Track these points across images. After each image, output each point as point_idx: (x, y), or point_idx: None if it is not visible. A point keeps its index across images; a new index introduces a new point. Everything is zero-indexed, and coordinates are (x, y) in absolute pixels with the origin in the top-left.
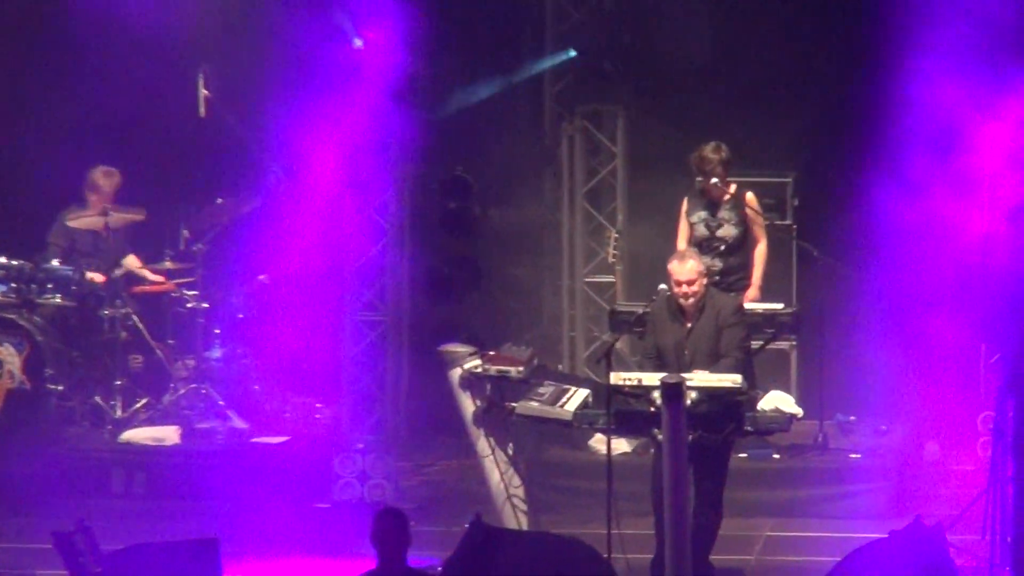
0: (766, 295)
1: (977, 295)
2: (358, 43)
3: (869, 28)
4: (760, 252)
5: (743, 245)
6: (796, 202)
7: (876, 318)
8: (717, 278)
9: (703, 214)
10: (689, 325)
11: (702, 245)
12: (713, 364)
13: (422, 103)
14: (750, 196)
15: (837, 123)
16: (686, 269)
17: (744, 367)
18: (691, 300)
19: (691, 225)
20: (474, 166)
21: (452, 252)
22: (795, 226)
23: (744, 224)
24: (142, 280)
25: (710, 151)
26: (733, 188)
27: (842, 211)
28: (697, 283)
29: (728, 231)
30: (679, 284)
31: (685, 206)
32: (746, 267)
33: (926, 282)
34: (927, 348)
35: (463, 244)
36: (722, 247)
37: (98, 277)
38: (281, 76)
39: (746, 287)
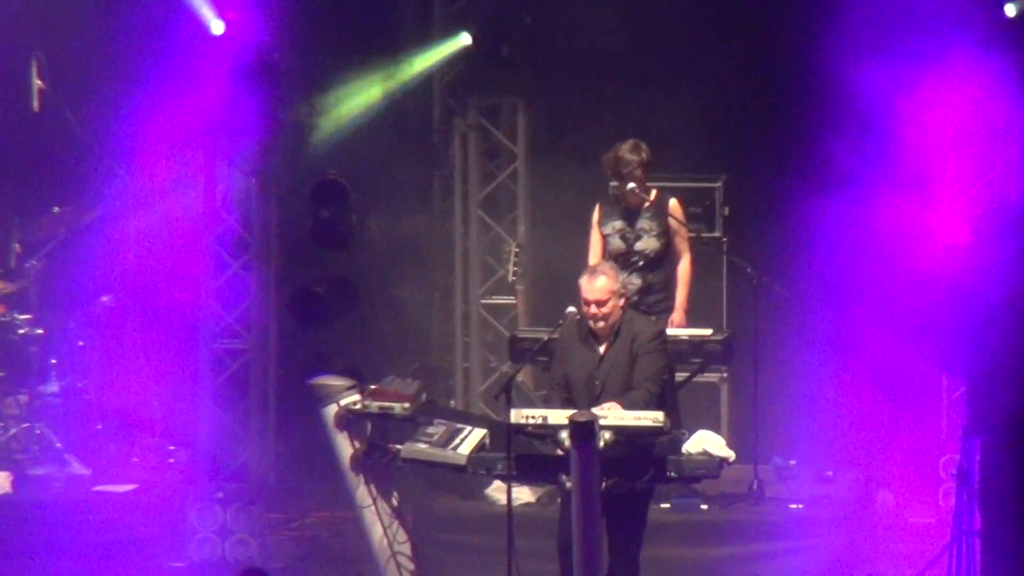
0: (692, 319)
1: (937, 318)
2: (217, 26)
3: (805, 11)
4: (684, 269)
5: (665, 260)
6: (727, 211)
7: (820, 346)
8: (635, 298)
9: (619, 224)
10: (602, 352)
11: (618, 260)
12: (625, 396)
13: (290, 97)
14: (673, 203)
15: (773, 118)
16: (597, 287)
17: (662, 402)
18: (603, 323)
19: (605, 237)
20: (351, 169)
21: (326, 269)
22: (726, 239)
23: (667, 236)
24: None
25: (627, 151)
26: (654, 194)
27: (780, 221)
28: (610, 303)
29: (648, 244)
30: (589, 304)
31: (597, 215)
32: (669, 286)
33: (878, 304)
34: (880, 381)
35: (339, 259)
36: (641, 262)
37: None
38: (126, 64)
39: (669, 309)
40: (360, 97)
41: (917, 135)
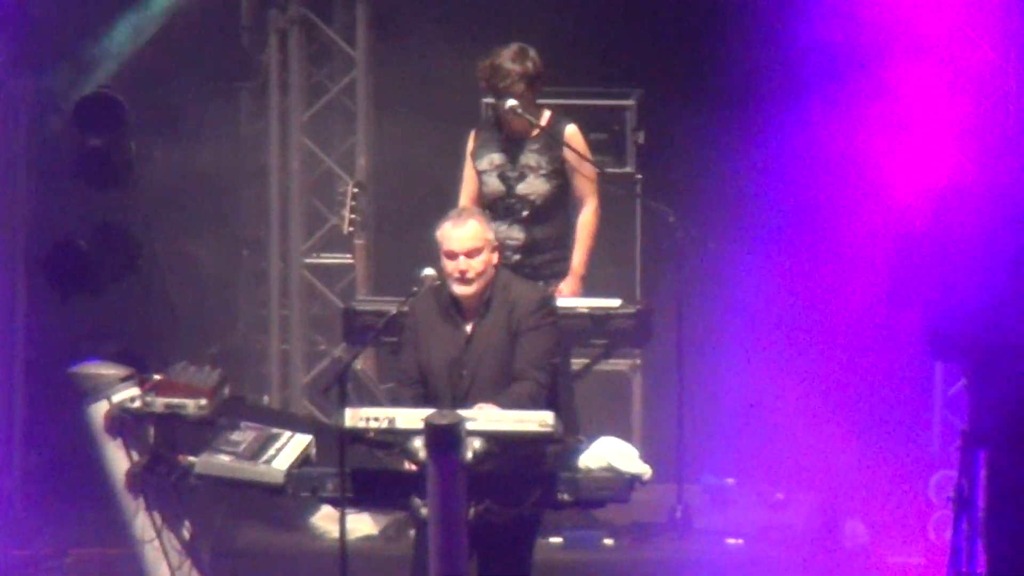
0: (594, 286)
1: (926, 283)
2: None
3: None
4: (587, 220)
5: (558, 208)
6: (641, 138)
7: (767, 322)
8: (517, 257)
9: (497, 158)
10: (469, 329)
11: (495, 206)
12: (504, 390)
13: None
14: (571, 130)
15: (702, 11)
16: (466, 233)
17: (552, 398)
18: (475, 285)
19: (480, 175)
20: (131, 80)
21: (94, 216)
22: (640, 176)
23: (561, 175)
24: None
25: (508, 59)
26: (545, 118)
27: (714, 152)
28: (483, 256)
29: (534, 186)
30: (455, 256)
31: (471, 144)
32: (563, 242)
33: (846, 264)
34: (848, 371)
35: (112, 203)
36: (525, 211)
37: None
38: None
39: (562, 273)
40: None
41: (890, 33)
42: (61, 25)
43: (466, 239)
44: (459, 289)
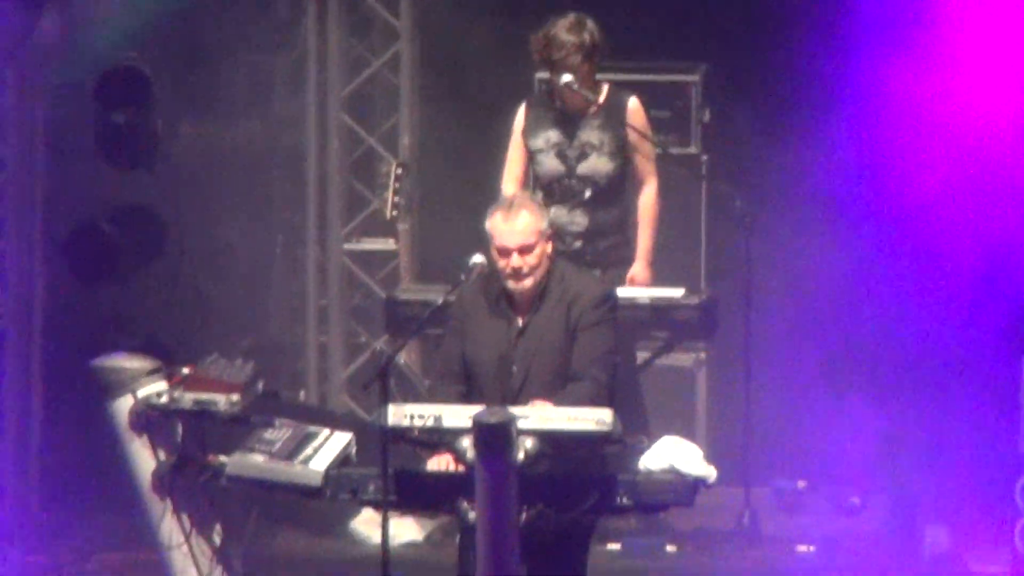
0: (655, 276)
1: (1012, 270)
2: None
3: None
4: (649, 202)
5: (622, 188)
6: (707, 116)
7: (841, 312)
8: (579, 244)
9: (554, 136)
10: (521, 323)
11: (553, 187)
12: (560, 391)
13: None
14: (634, 103)
15: None
16: (519, 227)
17: (614, 397)
18: (527, 282)
19: (533, 154)
20: (158, 52)
21: (118, 198)
22: (706, 157)
23: (624, 154)
24: None
25: (564, 30)
26: (605, 93)
27: (785, 131)
28: (538, 250)
29: (598, 165)
30: (508, 254)
31: (522, 121)
32: (624, 226)
33: (925, 251)
34: (928, 366)
35: (138, 184)
36: (587, 192)
37: None
38: None
39: (626, 260)
40: None
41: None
42: None
43: (519, 234)
44: (513, 286)
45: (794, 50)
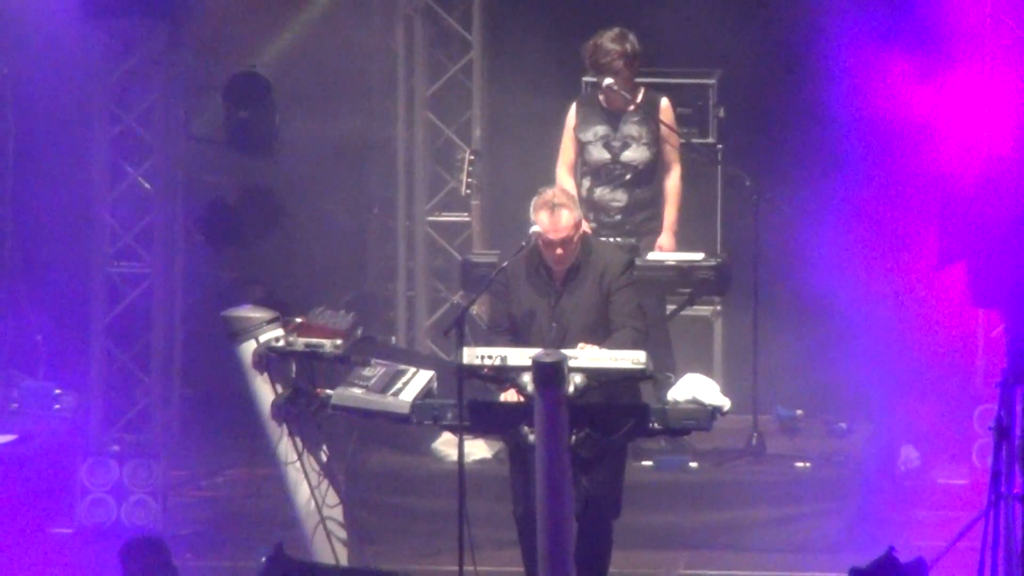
0: (679, 242)
1: (972, 238)
2: None
3: None
4: (674, 183)
5: (655, 172)
6: (722, 112)
7: (832, 274)
8: (619, 217)
9: (602, 130)
10: (558, 288)
11: (600, 173)
12: (606, 338)
13: None
14: (665, 103)
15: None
16: (563, 224)
17: (647, 339)
18: (567, 263)
19: (583, 145)
20: (274, 59)
21: (243, 179)
22: (721, 146)
23: (657, 144)
24: None
25: (610, 40)
26: (641, 94)
27: (786, 124)
28: (574, 240)
29: (637, 153)
30: (551, 246)
31: (573, 118)
32: (656, 202)
33: (901, 224)
34: (903, 316)
35: (259, 168)
36: (628, 175)
37: None
38: None
39: (656, 230)
40: None
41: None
42: (213, 9)
43: (562, 230)
44: (555, 266)
45: (795, 55)
